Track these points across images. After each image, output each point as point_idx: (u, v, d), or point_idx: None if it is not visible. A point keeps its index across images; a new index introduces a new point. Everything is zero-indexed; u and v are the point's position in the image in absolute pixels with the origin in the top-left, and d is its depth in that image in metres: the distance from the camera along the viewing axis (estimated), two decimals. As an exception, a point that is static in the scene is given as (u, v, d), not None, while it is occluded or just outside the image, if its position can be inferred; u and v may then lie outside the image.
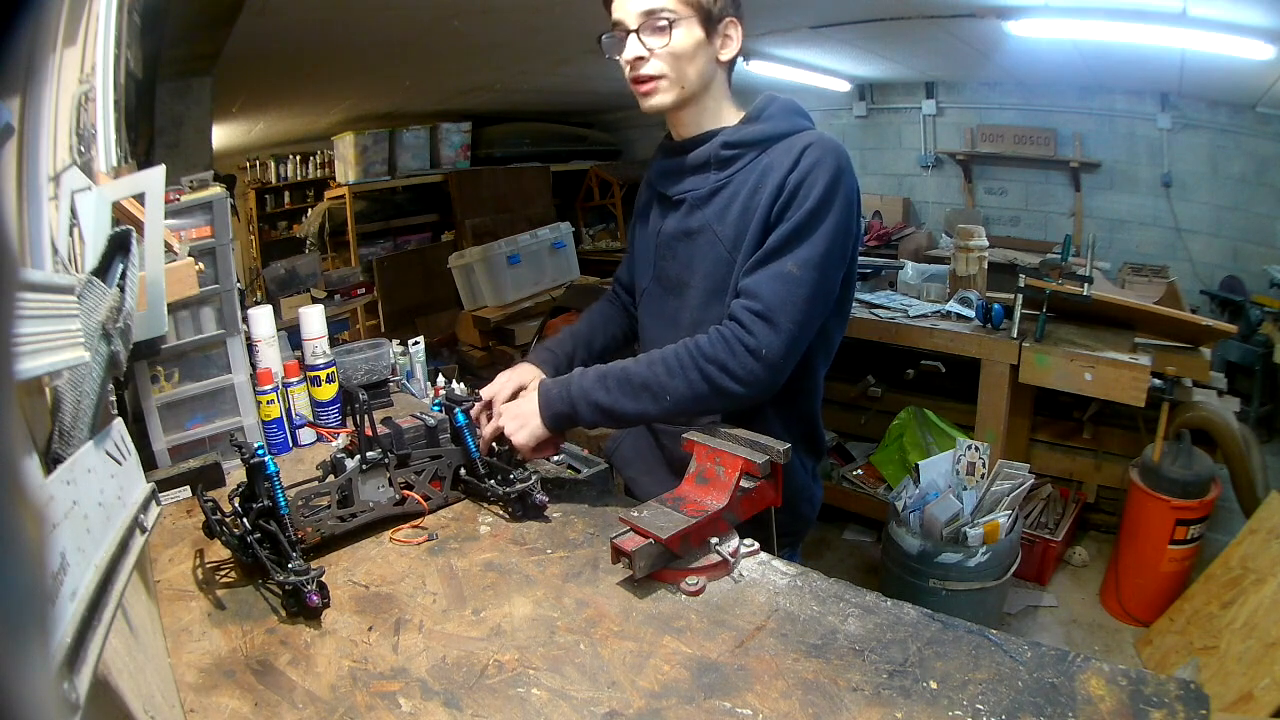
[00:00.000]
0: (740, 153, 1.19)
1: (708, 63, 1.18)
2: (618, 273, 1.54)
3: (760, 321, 1.08)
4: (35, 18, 0.31)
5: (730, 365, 1.08)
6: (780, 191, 1.10)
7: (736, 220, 1.17)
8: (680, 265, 1.26)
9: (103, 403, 0.68)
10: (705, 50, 1.16)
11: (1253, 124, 3.87)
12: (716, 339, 1.10)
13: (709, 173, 1.21)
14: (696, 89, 1.19)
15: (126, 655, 0.66)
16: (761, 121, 1.21)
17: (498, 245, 4.35)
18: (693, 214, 1.23)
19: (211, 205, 1.35)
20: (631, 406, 1.12)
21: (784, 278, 1.08)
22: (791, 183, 1.10)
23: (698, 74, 1.17)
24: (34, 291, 0.56)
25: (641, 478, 1.38)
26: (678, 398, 1.10)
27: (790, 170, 1.10)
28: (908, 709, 0.75)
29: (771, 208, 1.11)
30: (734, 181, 1.19)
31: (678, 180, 1.25)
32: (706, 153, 1.21)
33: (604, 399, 1.13)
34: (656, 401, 1.11)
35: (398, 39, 3.27)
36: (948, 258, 3.40)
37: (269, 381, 1.40)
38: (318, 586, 0.93)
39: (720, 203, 1.20)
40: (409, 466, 1.17)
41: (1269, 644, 1.93)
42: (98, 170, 1.22)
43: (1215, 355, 2.90)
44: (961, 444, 2.48)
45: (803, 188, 1.09)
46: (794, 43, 3.87)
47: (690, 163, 1.23)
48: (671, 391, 1.10)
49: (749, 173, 1.18)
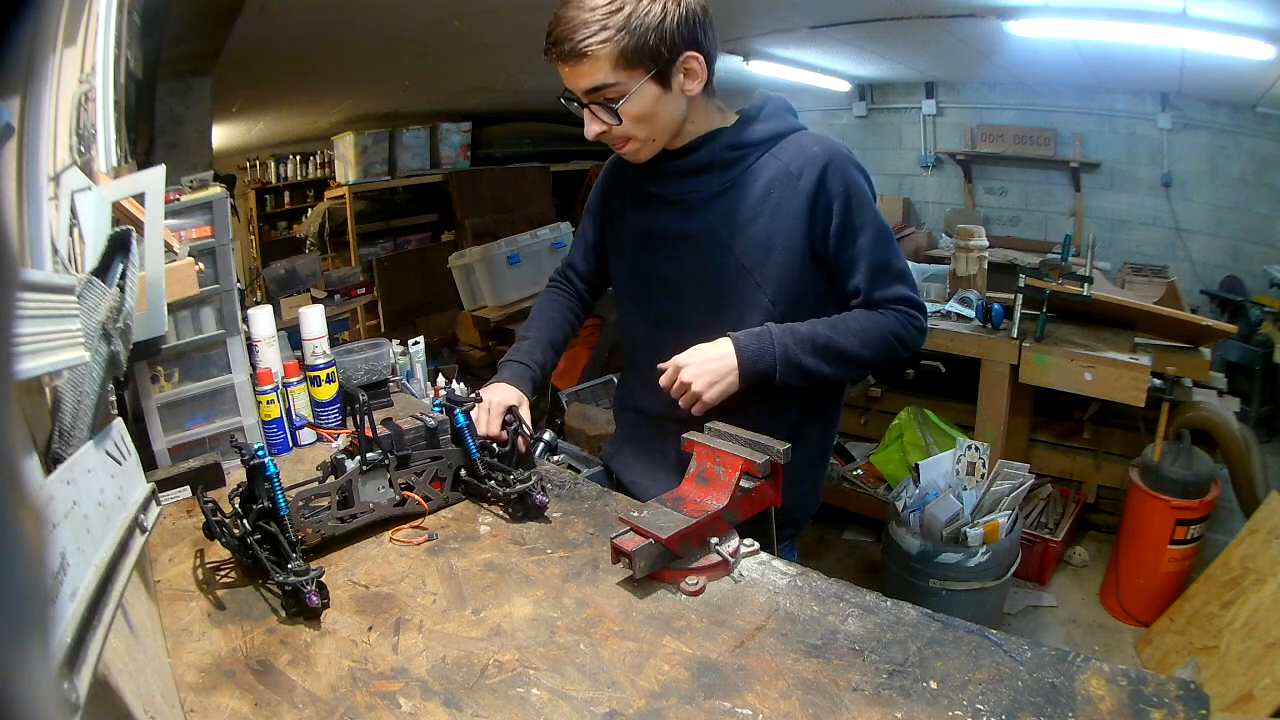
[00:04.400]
0: (744, 153, 1.20)
1: (675, 106, 1.15)
2: (571, 259, 1.51)
3: (917, 305, 1.23)
4: (35, 18, 0.31)
5: (909, 342, 1.22)
6: (828, 199, 1.16)
7: (747, 224, 1.19)
8: (674, 266, 1.25)
9: (103, 403, 0.68)
10: (667, 99, 1.13)
11: (1253, 124, 3.87)
12: (903, 321, 1.21)
13: (711, 175, 1.21)
14: (674, 128, 1.18)
15: (126, 655, 0.66)
16: (761, 121, 1.21)
17: (498, 245, 4.35)
18: (692, 215, 1.22)
19: (211, 205, 1.35)
20: (829, 370, 1.19)
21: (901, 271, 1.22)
22: (837, 191, 1.16)
23: (669, 120, 1.16)
24: (34, 291, 0.56)
25: (644, 480, 1.37)
26: (863, 365, 1.22)
27: (823, 179, 1.16)
28: (908, 709, 0.75)
29: (821, 220, 1.17)
30: (738, 183, 1.19)
31: (673, 181, 1.24)
32: (709, 155, 1.20)
33: (809, 364, 1.18)
34: (848, 368, 1.22)
35: (398, 39, 3.27)
36: (948, 258, 3.40)
37: (269, 381, 1.40)
38: (317, 587, 0.92)
39: (725, 205, 1.20)
40: (409, 467, 1.17)
41: (1269, 644, 1.93)
42: (98, 170, 1.22)
43: (1215, 355, 2.90)
44: (961, 444, 2.48)
45: (852, 196, 1.16)
46: (794, 43, 3.87)
47: (690, 165, 1.22)
48: (863, 361, 1.21)
49: (754, 174, 1.19)
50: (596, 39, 1.06)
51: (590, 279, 1.49)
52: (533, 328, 1.45)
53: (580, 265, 1.49)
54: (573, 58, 1.07)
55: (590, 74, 1.08)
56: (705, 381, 1.16)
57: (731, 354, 1.16)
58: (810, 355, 1.17)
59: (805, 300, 1.22)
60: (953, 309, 2.84)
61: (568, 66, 1.10)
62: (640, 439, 1.39)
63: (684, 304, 1.25)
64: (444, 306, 4.85)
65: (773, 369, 1.16)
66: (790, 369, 1.17)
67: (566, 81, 1.13)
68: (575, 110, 1.16)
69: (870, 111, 5.32)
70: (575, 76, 1.10)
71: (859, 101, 5.29)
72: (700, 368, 1.16)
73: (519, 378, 1.35)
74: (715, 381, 1.16)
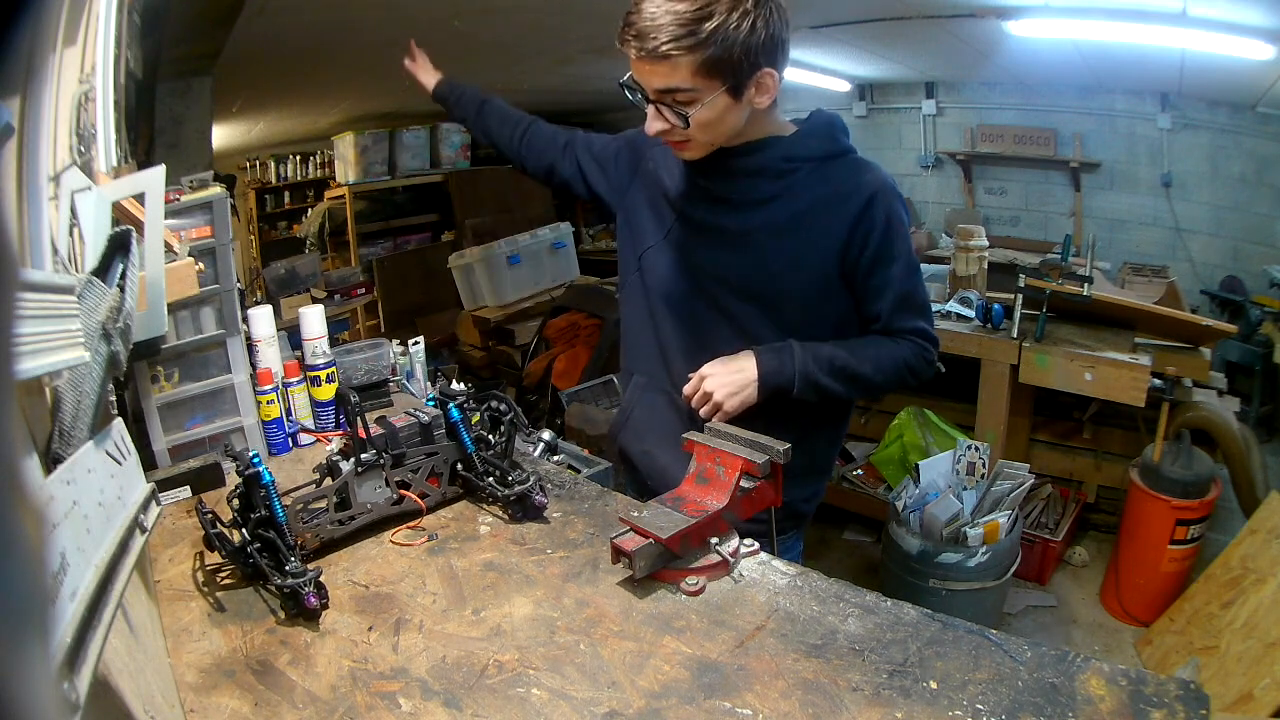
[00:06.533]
0: (796, 166, 1.21)
1: (741, 116, 1.15)
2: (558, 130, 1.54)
3: (933, 340, 1.29)
4: (35, 18, 0.31)
5: (919, 373, 1.29)
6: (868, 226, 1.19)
7: (785, 234, 1.21)
8: (708, 256, 1.26)
9: (103, 403, 0.68)
10: (736, 109, 1.12)
11: (1253, 124, 3.87)
12: (916, 352, 1.27)
13: (762, 180, 1.22)
14: (734, 135, 1.18)
15: (126, 655, 0.66)
16: (816, 138, 1.23)
17: (498, 245, 4.35)
18: (736, 214, 1.23)
19: (211, 205, 1.35)
20: (841, 390, 1.24)
21: (923, 306, 1.29)
22: (879, 222, 1.19)
23: (732, 128, 1.16)
24: (34, 291, 0.56)
25: (656, 450, 1.36)
26: (874, 389, 1.28)
27: (869, 207, 1.19)
28: (908, 709, 0.75)
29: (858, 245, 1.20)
30: (785, 193, 1.21)
31: (724, 178, 1.24)
32: (763, 162, 1.21)
33: (825, 383, 1.21)
34: (860, 390, 1.26)
35: (398, 39, 3.27)
36: (948, 258, 3.40)
37: (269, 381, 1.40)
38: (315, 587, 0.92)
39: (772, 213, 1.21)
40: (405, 465, 1.17)
41: (1269, 644, 1.93)
42: (98, 170, 1.22)
43: (1215, 355, 2.90)
44: (961, 444, 2.48)
45: (892, 227, 1.21)
46: (794, 43, 3.85)
47: (745, 167, 1.22)
48: (875, 386, 1.27)
49: (802, 187, 1.21)
50: (683, 44, 1.04)
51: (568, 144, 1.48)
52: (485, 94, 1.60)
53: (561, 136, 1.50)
54: (655, 57, 1.06)
55: (668, 76, 1.07)
56: (726, 392, 1.19)
57: (753, 367, 1.20)
58: (827, 375, 1.21)
59: (826, 318, 1.25)
60: (953, 309, 2.84)
61: (646, 64, 1.07)
62: (650, 404, 1.38)
63: (704, 290, 1.27)
64: (444, 306, 4.85)
65: (790, 384, 1.20)
66: (807, 386, 1.21)
67: (638, 75, 1.11)
68: (636, 101, 1.15)
69: (870, 111, 5.32)
70: (651, 74, 1.09)
71: (859, 101, 5.29)
72: (722, 379, 1.20)
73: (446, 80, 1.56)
74: (736, 392, 1.19)
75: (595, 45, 3.59)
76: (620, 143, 1.42)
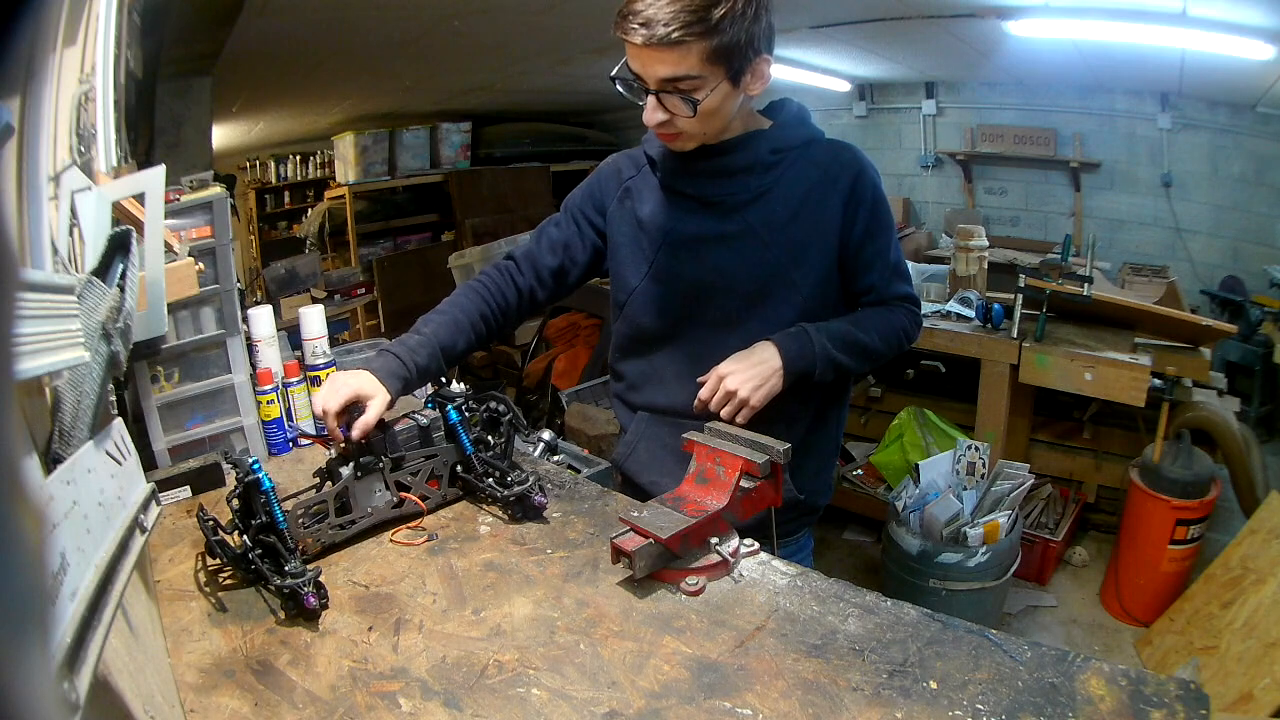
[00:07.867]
0: (782, 156, 1.22)
1: (735, 104, 1.15)
2: (530, 250, 1.38)
3: (917, 302, 1.33)
4: (35, 18, 0.31)
5: (912, 336, 1.32)
6: (859, 203, 1.22)
7: (785, 224, 1.21)
8: (708, 268, 1.25)
9: (103, 403, 0.68)
10: (733, 97, 1.13)
11: (1253, 124, 3.87)
12: (909, 317, 1.30)
13: (752, 176, 1.21)
14: (725, 126, 1.18)
15: (126, 655, 0.66)
16: (793, 126, 1.24)
17: (498, 245, 4.34)
18: (730, 217, 1.23)
19: (211, 205, 1.35)
20: (855, 365, 1.26)
21: (906, 272, 1.32)
22: (867, 197, 1.23)
23: (728, 117, 1.16)
24: (34, 291, 0.56)
25: (664, 480, 1.33)
26: (879, 358, 1.30)
27: (856, 184, 1.22)
28: (908, 709, 0.75)
29: (851, 222, 1.23)
30: (779, 186, 1.21)
31: (710, 182, 1.23)
32: (750, 158, 1.21)
33: (843, 360, 1.22)
34: (868, 361, 1.28)
35: (398, 39, 3.27)
36: (948, 258, 3.40)
37: (269, 381, 1.40)
38: (315, 587, 0.92)
39: (764, 207, 1.21)
40: (404, 468, 1.16)
41: (1269, 644, 1.93)
42: (98, 170, 1.22)
43: (1215, 355, 2.90)
44: (961, 444, 2.48)
45: (878, 201, 1.24)
46: (794, 43, 3.87)
47: (731, 165, 1.22)
48: (880, 355, 1.28)
49: (791, 176, 1.21)
50: (694, 30, 1.02)
51: (548, 276, 1.37)
52: (432, 322, 1.28)
53: (543, 259, 1.36)
54: (665, 44, 1.03)
55: (676, 64, 1.05)
56: (751, 386, 1.15)
57: (774, 356, 1.17)
58: (842, 351, 1.22)
59: (830, 298, 1.27)
60: (953, 309, 2.84)
61: (653, 51, 1.04)
62: (656, 437, 1.36)
63: (717, 303, 1.26)
64: (444, 307, 4.85)
65: (813, 367, 1.19)
66: (828, 366, 1.21)
67: (640, 64, 1.08)
68: (630, 95, 1.14)
69: (870, 111, 5.32)
70: (656, 63, 1.06)
71: (859, 101, 5.29)
72: (745, 373, 1.15)
73: (388, 374, 1.17)
74: (760, 385, 1.16)
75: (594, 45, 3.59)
76: (584, 193, 1.38)
